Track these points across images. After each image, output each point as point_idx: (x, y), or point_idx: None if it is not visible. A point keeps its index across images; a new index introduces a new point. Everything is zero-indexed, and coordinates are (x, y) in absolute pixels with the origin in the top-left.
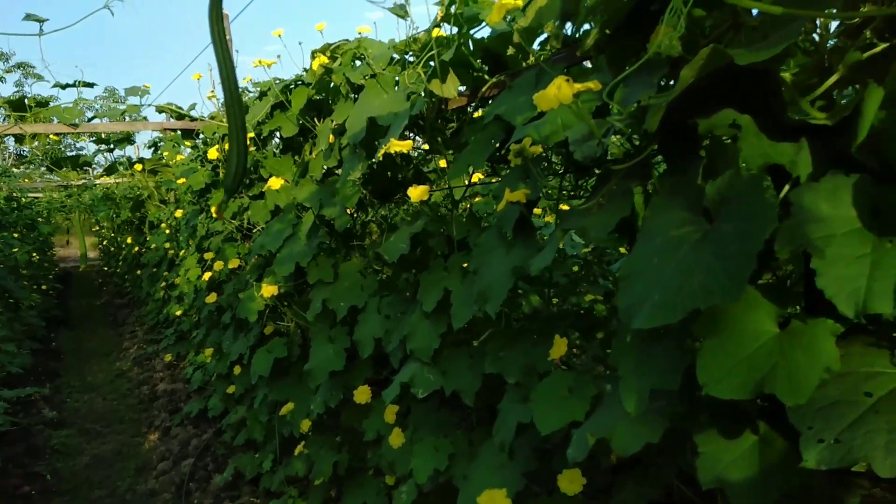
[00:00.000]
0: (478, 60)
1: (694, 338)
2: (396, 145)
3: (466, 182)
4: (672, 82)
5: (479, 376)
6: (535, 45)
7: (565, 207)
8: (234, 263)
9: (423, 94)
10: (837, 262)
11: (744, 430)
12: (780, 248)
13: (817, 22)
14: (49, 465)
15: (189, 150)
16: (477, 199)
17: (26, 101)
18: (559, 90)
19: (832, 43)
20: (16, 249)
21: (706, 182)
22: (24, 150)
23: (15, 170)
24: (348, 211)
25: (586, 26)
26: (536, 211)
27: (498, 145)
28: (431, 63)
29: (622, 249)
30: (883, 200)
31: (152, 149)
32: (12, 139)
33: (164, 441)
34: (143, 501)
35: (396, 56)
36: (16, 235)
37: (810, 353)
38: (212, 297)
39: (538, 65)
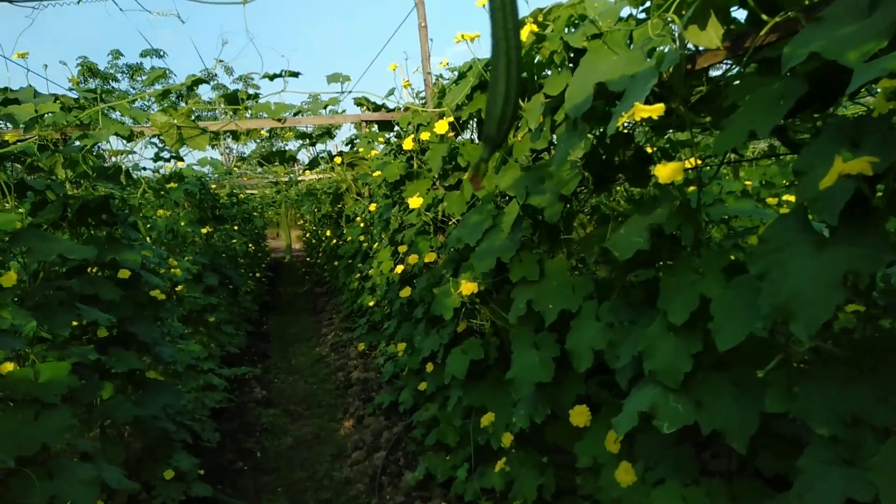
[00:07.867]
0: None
1: None
2: (643, 110)
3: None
4: None
5: (754, 414)
6: None
7: None
8: (430, 257)
9: (672, 46)
10: None
11: None
12: None
13: None
14: (258, 442)
15: (382, 146)
16: None
17: (238, 94)
18: None
19: None
20: (234, 241)
21: None
22: (243, 152)
23: (236, 168)
24: (563, 199)
25: None
26: None
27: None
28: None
29: None
30: None
31: (349, 146)
32: (230, 138)
33: (357, 429)
34: (339, 489)
35: (633, 10)
36: (235, 228)
37: None
38: (406, 292)
39: None
